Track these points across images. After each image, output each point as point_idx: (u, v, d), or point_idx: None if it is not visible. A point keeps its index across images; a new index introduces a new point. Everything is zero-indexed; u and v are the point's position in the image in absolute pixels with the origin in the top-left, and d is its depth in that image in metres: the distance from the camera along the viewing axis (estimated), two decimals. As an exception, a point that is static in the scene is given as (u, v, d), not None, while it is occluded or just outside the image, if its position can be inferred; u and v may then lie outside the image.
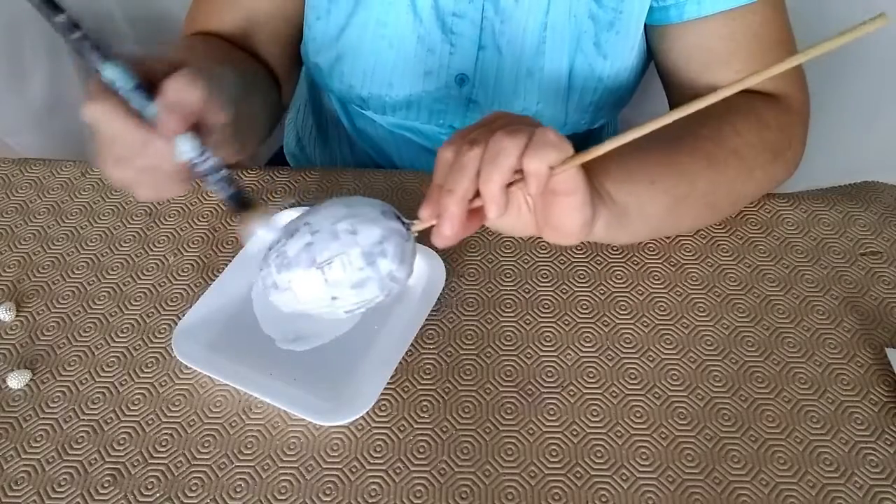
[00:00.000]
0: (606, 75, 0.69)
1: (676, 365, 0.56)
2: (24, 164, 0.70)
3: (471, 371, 0.55)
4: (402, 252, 0.47)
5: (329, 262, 0.46)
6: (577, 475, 0.50)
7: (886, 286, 0.60)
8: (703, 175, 0.58)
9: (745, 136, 0.60)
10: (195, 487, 0.49)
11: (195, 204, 0.67)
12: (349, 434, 0.52)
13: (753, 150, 0.61)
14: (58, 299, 0.60)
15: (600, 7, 0.65)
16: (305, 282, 0.46)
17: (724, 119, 0.61)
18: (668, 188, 0.57)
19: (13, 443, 0.51)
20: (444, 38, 0.67)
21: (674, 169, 0.57)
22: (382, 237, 0.46)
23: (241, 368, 0.54)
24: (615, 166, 0.55)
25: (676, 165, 0.57)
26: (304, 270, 0.46)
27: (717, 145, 0.59)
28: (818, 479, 0.50)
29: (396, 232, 0.47)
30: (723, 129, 0.60)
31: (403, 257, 0.47)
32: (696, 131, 0.60)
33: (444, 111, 0.72)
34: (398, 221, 0.47)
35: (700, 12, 0.63)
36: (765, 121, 0.62)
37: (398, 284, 0.48)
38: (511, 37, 0.67)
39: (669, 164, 0.57)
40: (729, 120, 0.61)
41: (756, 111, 0.62)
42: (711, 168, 0.59)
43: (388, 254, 0.46)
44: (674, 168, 0.57)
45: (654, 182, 0.56)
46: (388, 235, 0.46)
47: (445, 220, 0.45)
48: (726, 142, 0.60)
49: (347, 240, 0.46)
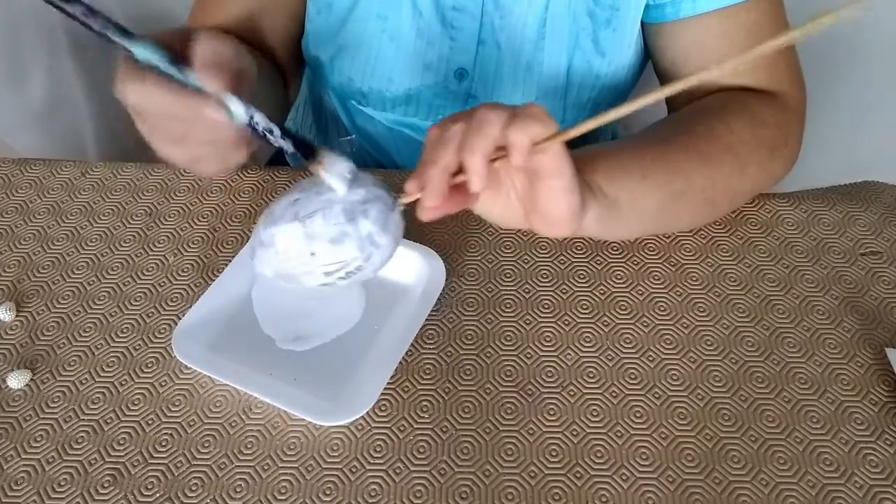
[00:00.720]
0: (604, 73, 0.69)
1: (676, 365, 0.56)
2: (24, 164, 0.70)
3: (471, 371, 0.55)
4: (384, 219, 0.47)
5: (311, 215, 0.46)
6: (577, 475, 0.50)
7: (886, 286, 0.60)
8: (697, 171, 0.58)
9: (738, 134, 0.60)
10: (195, 487, 0.49)
11: (195, 204, 0.67)
12: (349, 434, 0.52)
13: (747, 146, 0.61)
14: (58, 299, 0.60)
15: (597, 5, 0.65)
16: (287, 234, 0.47)
17: (718, 117, 0.61)
18: (661, 184, 0.57)
19: (13, 443, 0.51)
20: (443, 32, 0.68)
21: (667, 165, 0.58)
22: (366, 199, 0.47)
23: (241, 368, 0.54)
24: (606, 161, 0.55)
25: (670, 162, 0.58)
26: (287, 224, 0.47)
27: (710, 143, 0.59)
28: (818, 479, 0.50)
29: (381, 198, 0.48)
30: (716, 127, 0.60)
31: (386, 224, 0.48)
32: (689, 129, 0.60)
33: (443, 106, 0.72)
34: (385, 192, 0.48)
35: (695, 10, 0.63)
36: (760, 118, 0.62)
37: (379, 251, 0.48)
38: (510, 32, 0.67)
39: (663, 160, 0.58)
40: (722, 118, 0.61)
41: (750, 109, 0.62)
42: (706, 165, 0.59)
43: (370, 216, 0.47)
44: (667, 164, 0.58)
45: (646, 177, 0.56)
46: (373, 199, 0.47)
47: (427, 191, 0.46)
48: (720, 139, 0.60)
49: (331, 196, 0.47)
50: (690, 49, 0.65)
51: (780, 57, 0.65)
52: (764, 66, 0.64)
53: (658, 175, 0.57)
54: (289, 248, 0.47)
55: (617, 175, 0.55)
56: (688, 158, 0.58)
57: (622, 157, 0.57)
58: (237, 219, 0.65)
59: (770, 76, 0.65)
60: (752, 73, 0.64)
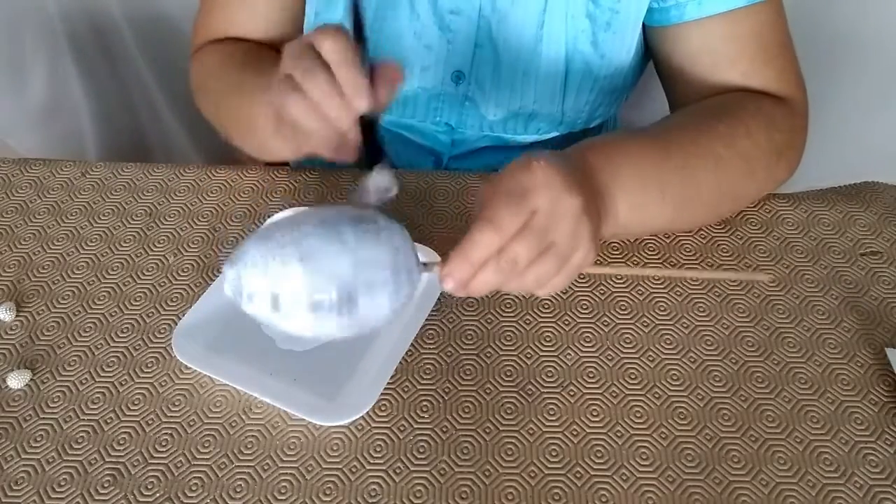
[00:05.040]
0: (603, 75, 0.69)
1: (676, 365, 0.56)
2: (24, 164, 0.70)
3: (471, 371, 0.55)
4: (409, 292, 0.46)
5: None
6: (577, 475, 0.50)
7: (886, 286, 0.60)
8: (710, 179, 0.59)
9: (755, 138, 0.61)
10: (195, 487, 0.49)
11: (195, 204, 0.67)
12: (349, 434, 0.52)
13: (760, 150, 0.61)
14: (58, 299, 0.60)
15: (597, 7, 0.65)
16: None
17: (739, 119, 0.61)
18: (674, 195, 0.58)
19: (13, 443, 0.51)
20: (441, 35, 0.68)
21: (685, 179, 0.58)
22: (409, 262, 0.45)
23: (241, 368, 0.54)
24: (629, 181, 0.55)
25: (687, 169, 0.58)
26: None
27: (729, 146, 0.59)
28: (818, 479, 0.50)
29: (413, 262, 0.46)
30: (737, 130, 0.60)
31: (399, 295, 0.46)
32: (713, 127, 0.60)
33: (440, 108, 0.72)
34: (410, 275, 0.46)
35: (701, 13, 0.63)
36: (775, 122, 0.62)
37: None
38: (508, 35, 0.67)
39: (681, 170, 0.58)
40: (743, 120, 0.61)
41: (765, 112, 0.62)
42: (721, 171, 0.59)
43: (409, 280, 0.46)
44: (685, 177, 0.58)
45: (663, 195, 0.57)
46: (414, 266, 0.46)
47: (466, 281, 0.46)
48: (738, 143, 0.60)
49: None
50: (699, 53, 0.65)
51: (786, 61, 0.65)
52: (774, 69, 0.64)
53: (674, 190, 0.58)
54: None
55: (639, 203, 0.56)
56: (705, 165, 0.58)
57: (647, 167, 0.57)
58: (237, 219, 0.65)
59: (780, 79, 0.65)
60: (762, 75, 0.64)
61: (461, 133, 0.74)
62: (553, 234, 0.45)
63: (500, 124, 0.72)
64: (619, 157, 0.56)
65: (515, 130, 0.73)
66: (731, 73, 0.64)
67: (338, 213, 0.45)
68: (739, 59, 0.64)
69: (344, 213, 0.45)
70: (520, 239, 0.44)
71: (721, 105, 0.63)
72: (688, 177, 0.58)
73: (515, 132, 0.73)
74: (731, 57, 0.64)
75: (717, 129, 0.60)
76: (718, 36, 0.64)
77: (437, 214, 0.65)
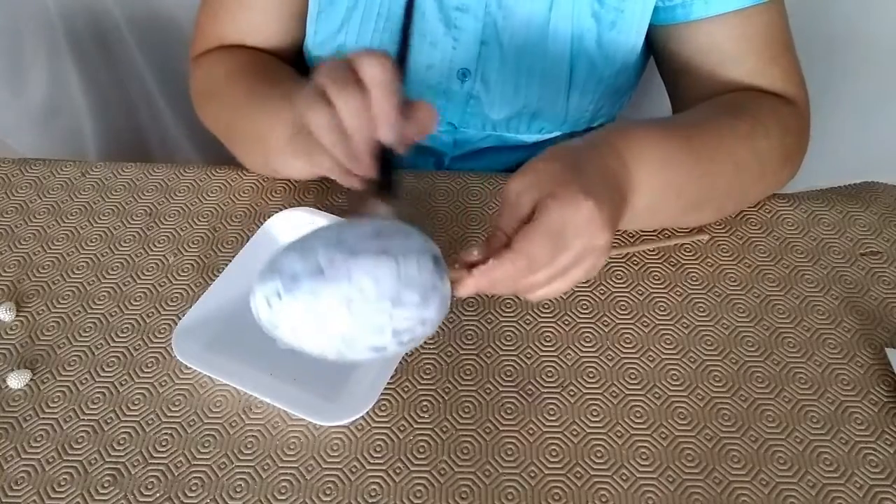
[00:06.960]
0: (607, 74, 0.69)
1: (676, 365, 0.56)
2: (24, 164, 0.70)
3: (471, 371, 0.55)
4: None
5: (405, 255, 0.42)
6: (577, 475, 0.50)
7: (886, 286, 0.60)
8: (725, 182, 0.59)
9: (770, 140, 0.61)
10: (195, 487, 0.49)
11: (195, 204, 0.67)
12: (349, 434, 0.52)
13: (774, 152, 0.61)
14: (58, 299, 0.60)
15: (602, 6, 0.65)
16: (371, 272, 0.41)
17: (757, 118, 0.61)
18: (689, 197, 0.58)
19: (13, 443, 0.51)
20: (446, 33, 0.67)
21: (704, 181, 0.57)
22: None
23: (241, 368, 0.54)
24: (656, 184, 0.54)
25: (708, 177, 0.57)
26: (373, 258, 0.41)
27: (748, 149, 0.59)
28: (818, 479, 0.50)
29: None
30: (757, 130, 0.60)
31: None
32: (736, 127, 0.59)
33: (444, 108, 0.72)
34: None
35: (707, 12, 0.63)
36: (787, 124, 0.63)
37: (434, 319, 0.44)
38: (513, 32, 0.67)
39: (704, 175, 0.57)
40: (761, 119, 0.61)
41: (778, 113, 0.63)
42: (736, 174, 0.59)
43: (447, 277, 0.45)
44: (704, 181, 0.57)
45: (679, 197, 0.57)
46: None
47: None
48: (757, 143, 0.60)
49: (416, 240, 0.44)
50: (707, 52, 0.65)
51: (790, 61, 0.65)
52: (779, 69, 0.65)
53: (690, 194, 0.57)
54: (368, 290, 0.39)
55: (653, 203, 0.55)
56: (724, 171, 0.58)
57: (671, 172, 0.55)
58: (237, 219, 0.65)
59: (784, 79, 0.65)
60: (767, 74, 0.64)
61: (464, 133, 0.74)
62: (575, 270, 0.47)
63: (504, 123, 0.72)
64: (653, 158, 0.54)
65: (518, 129, 0.73)
66: (737, 72, 0.64)
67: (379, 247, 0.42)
68: (746, 58, 0.64)
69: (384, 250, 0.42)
70: (543, 269, 0.46)
71: (740, 104, 0.63)
72: (706, 185, 0.58)
73: (518, 131, 0.73)
74: (738, 56, 0.64)
75: (740, 129, 0.59)
76: (725, 35, 0.64)
77: (437, 214, 0.65)
